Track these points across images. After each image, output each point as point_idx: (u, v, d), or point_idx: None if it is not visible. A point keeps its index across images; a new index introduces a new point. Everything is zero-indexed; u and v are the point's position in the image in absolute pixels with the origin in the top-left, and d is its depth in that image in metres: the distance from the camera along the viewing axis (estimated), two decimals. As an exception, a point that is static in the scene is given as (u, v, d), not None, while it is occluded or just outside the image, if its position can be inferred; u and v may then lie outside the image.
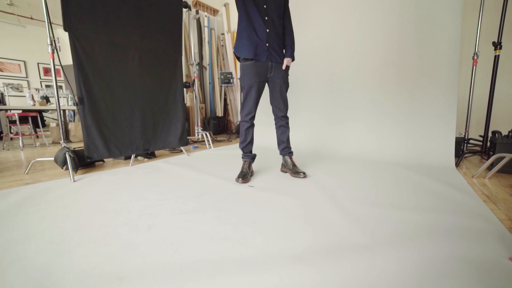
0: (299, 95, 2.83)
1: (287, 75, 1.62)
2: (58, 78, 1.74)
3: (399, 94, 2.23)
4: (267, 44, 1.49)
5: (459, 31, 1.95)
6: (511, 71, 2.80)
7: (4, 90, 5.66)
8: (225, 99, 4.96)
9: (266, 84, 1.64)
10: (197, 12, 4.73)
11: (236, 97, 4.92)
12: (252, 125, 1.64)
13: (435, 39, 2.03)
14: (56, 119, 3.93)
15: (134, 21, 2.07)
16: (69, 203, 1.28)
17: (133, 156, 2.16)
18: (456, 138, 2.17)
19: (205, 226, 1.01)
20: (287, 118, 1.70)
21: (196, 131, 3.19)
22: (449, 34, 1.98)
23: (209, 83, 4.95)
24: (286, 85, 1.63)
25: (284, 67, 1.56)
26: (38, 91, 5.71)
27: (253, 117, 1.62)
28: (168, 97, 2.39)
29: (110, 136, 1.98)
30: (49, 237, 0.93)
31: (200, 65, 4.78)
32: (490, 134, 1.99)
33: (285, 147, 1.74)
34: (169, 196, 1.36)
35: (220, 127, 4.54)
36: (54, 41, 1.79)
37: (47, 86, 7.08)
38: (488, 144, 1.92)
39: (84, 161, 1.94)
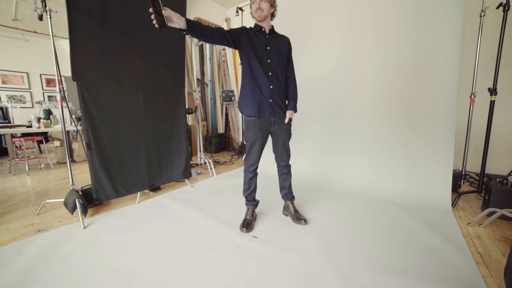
0: (300, 123, 2.88)
1: (290, 126, 1.68)
2: (59, 88, 1.79)
3: (400, 129, 2.28)
4: (270, 100, 1.54)
5: (457, 70, 1.99)
6: (508, 99, 2.84)
7: (8, 104, 5.73)
8: (227, 115, 5.02)
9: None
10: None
11: (238, 113, 4.97)
12: (255, 175, 1.70)
13: (435, 77, 2.08)
14: (61, 139, 3.99)
15: (139, 60, 2.13)
16: (83, 261, 1.34)
17: (139, 192, 2.22)
18: (454, 172, 2.23)
19: (213, 300, 1.07)
20: (289, 166, 1.76)
21: (198, 156, 3.25)
22: (448, 71, 2.03)
23: (211, 99, 5.00)
24: (289, 137, 1.68)
25: (286, 120, 1.61)
26: (41, 104, 5.78)
27: (256, 168, 1.68)
28: (172, 131, 2.44)
29: (117, 176, 2.04)
30: (68, 316, 0.99)
31: (202, 81, 4.83)
32: (486, 176, 2.04)
33: (287, 193, 1.80)
34: (178, 252, 1.42)
35: (221, 145, 4.60)
36: (63, 87, 1.85)
37: (49, 97, 7.14)
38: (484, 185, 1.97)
39: (92, 201, 2.00)
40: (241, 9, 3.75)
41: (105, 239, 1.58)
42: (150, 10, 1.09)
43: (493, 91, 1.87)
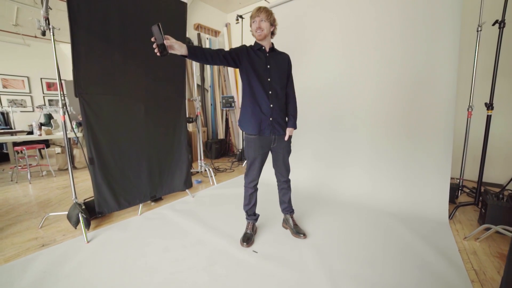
0: (300, 132, 2.91)
1: (290, 142, 1.70)
2: (60, 92, 1.80)
3: (398, 140, 2.30)
4: (270, 119, 1.57)
5: (455, 85, 2.02)
6: (506, 108, 2.87)
7: (9, 109, 5.75)
8: (227, 120, 5.04)
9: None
10: (199, 36, 4.80)
11: (238, 118, 5.00)
12: (255, 190, 1.73)
13: (433, 91, 2.10)
14: (62, 146, 4.02)
15: (140, 73, 2.15)
16: (88, 278, 1.37)
17: (141, 204, 2.25)
18: (451, 183, 2.26)
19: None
20: (289, 181, 1.79)
21: (199, 165, 3.28)
22: (446, 85, 2.05)
23: (211, 104, 5.02)
24: (288, 153, 1.71)
25: (286, 138, 1.64)
26: (42, 108, 5.81)
27: (257, 183, 1.71)
28: (173, 142, 2.47)
29: (119, 189, 2.07)
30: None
31: (202, 87, 4.86)
32: (483, 185, 2.07)
33: (286, 207, 1.84)
34: (181, 268, 1.45)
35: (222, 151, 4.63)
36: (66, 104, 1.88)
37: (50, 100, 7.17)
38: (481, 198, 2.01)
39: (95, 213, 2.03)
40: (241, 16, 3.77)
41: (109, 254, 1.61)
42: (152, 39, 1.12)
43: (489, 106, 1.90)
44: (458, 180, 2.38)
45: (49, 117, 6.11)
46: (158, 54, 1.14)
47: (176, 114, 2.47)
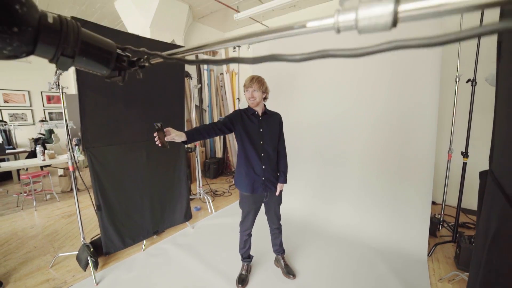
0: (294, 164, 3.07)
1: (281, 195, 1.87)
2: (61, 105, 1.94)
3: (384, 179, 2.48)
4: (263, 178, 1.73)
5: (435, 133, 2.20)
6: (486, 136, 3.04)
7: (11, 126, 5.86)
8: (224, 138, 5.20)
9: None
10: (196, 57, 4.93)
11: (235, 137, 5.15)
12: (250, 236, 1.90)
13: (415, 140, 2.28)
14: (64, 168, 4.16)
15: (140, 120, 2.28)
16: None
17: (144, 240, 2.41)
18: (432, 219, 2.44)
19: None
20: (280, 226, 1.96)
21: (198, 191, 3.45)
22: (427, 133, 2.23)
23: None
24: (279, 204, 1.88)
25: (277, 193, 1.80)
26: (43, 123, 5.94)
27: (251, 231, 1.87)
28: (173, 179, 2.63)
29: (124, 230, 2.22)
30: None
31: (200, 107, 5.00)
32: (464, 212, 2.24)
33: (278, 249, 2.01)
34: (181, 316, 1.62)
35: (220, 170, 4.79)
36: (74, 156, 2.03)
37: (50, 113, 7.28)
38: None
39: (102, 251, 2.18)
40: (238, 45, 3.91)
41: (116, 299, 1.77)
42: (154, 134, 1.28)
43: (465, 154, 2.08)
44: (439, 215, 2.56)
45: (50, 132, 6.23)
46: (159, 145, 1.30)
47: (176, 153, 2.62)
